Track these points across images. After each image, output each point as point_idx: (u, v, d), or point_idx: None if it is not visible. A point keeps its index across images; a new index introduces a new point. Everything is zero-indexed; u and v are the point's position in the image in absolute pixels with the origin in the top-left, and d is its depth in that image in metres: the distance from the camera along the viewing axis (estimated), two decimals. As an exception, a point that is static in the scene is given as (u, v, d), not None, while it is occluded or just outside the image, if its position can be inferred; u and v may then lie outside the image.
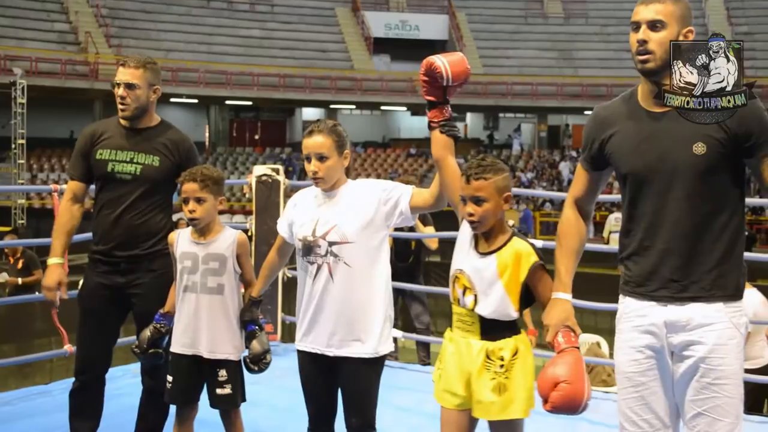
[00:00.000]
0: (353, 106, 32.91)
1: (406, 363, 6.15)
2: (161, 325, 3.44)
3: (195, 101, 30.29)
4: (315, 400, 3.09)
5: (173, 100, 27.86)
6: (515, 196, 10.31)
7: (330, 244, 2.97)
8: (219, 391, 3.37)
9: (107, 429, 3.78)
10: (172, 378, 3.41)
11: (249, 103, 31.74)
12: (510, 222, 3.10)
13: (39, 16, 28.11)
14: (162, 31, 29.54)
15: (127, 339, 4.22)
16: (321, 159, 3.00)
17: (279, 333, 6.13)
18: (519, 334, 2.76)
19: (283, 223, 3.19)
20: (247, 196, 6.63)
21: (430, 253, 7.23)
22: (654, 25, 2.46)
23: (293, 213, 3.14)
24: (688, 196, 2.45)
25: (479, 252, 2.75)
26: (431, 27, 33.08)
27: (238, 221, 16.17)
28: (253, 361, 3.37)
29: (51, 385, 5.19)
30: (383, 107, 33.47)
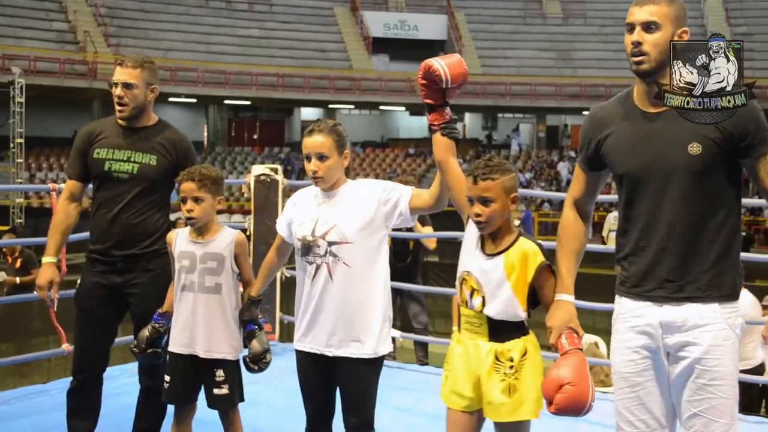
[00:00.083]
0: (352, 105, 32.90)
1: (404, 363, 6.13)
2: (160, 325, 3.44)
3: (193, 101, 30.29)
4: (313, 399, 3.09)
5: (172, 99, 27.85)
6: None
7: (329, 244, 2.96)
8: (216, 392, 3.36)
9: (105, 428, 3.78)
10: (169, 378, 3.41)
11: (247, 103, 31.72)
12: (516, 222, 3.10)
13: (38, 15, 28.07)
14: (161, 31, 29.51)
15: (125, 338, 4.21)
16: (321, 158, 2.99)
17: (277, 333, 6.13)
18: (527, 334, 2.74)
19: (283, 223, 3.18)
20: (246, 195, 6.62)
21: (428, 253, 7.24)
22: (648, 27, 2.46)
23: (292, 212, 3.13)
24: (683, 196, 2.45)
25: (486, 253, 2.73)
26: (430, 27, 33.09)
27: (236, 221, 16.17)
28: (253, 361, 3.36)
29: (49, 385, 5.18)
30: (382, 107, 33.46)
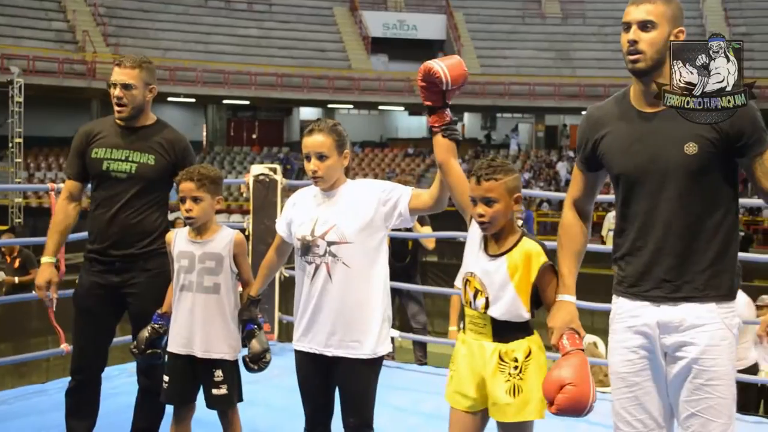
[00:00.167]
0: (351, 105, 32.89)
1: (402, 363, 6.12)
2: (159, 326, 3.44)
3: (192, 100, 30.28)
4: (312, 399, 3.09)
5: (171, 99, 27.84)
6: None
7: (329, 243, 2.96)
8: (215, 392, 3.36)
9: (103, 428, 3.78)
10: (168, 378, 3.40)
11: (246, 103, 31.71)
12: (519, 222, 3.09)
13: (36, 14, 28.05)
14: (159, 30, 29.50)
15: (124, 338, 4.21)
16: (321, 158, 2.99)
17: (276, 332, 6.13)
18: (532, 335, 2.74)
19: (282, 223, 3.18)
20: (245, 195, 6.62)
21: (427, 253, 7.23)
22: (645, 26, 2.46)
23: (292, 212, 3.13)
24: (680, 195, 2.45)
25: (489, 254, 2.73)
26: (429, 27, 33.09)
27: (235, 221, 16.16)
28: (253, 360, 3.36)
29: (47, 384, 5.18)
30: (381, 107, 33.46)
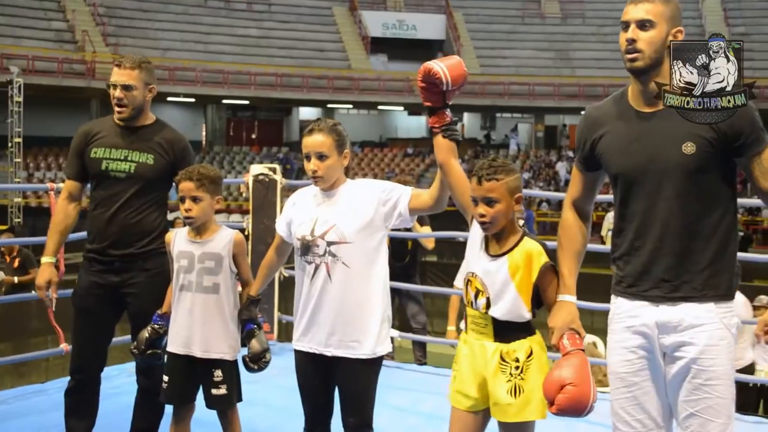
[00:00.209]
0: (350, 105, 32.89)
1: (402, 363, 6.12)
2: (159, 326, 3.43)
3: (192, 100, 30.27)
4: (312, 399, 3.09)
5: (170, 99, 27.83)
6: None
7: (328, 243, 2.96)
8: (214, 392, 3.36)
9: (103, 428, 3.77)
10: (167, 378, 3.40)
11: (246, 103, 31.70)
12: (521, 222, 3.09)
13: (36, 14, 28.05)
14: (159, 30, 29.49)
15: (123, 338, 4.21)
16: (321, 158, 2.99)
17: (275, 332, 6.13)
18: (533, 335, 2.74)
19: (282, 222, 3.18)
20: (244, 195, 6.62)
21: (426, 253, 7.23)
22: (643, 25, 2.46)
23: (292, 212, 3.13)
24: (678, 195, 2.45)
25: (490, 254, 2.73)
26: (428, 27, 33.09)
27: (234, 220, 16.17)
28: (253, 360, 3.36)
29: (47, 384, 5.17)
30: (380, 107, 33.46)
